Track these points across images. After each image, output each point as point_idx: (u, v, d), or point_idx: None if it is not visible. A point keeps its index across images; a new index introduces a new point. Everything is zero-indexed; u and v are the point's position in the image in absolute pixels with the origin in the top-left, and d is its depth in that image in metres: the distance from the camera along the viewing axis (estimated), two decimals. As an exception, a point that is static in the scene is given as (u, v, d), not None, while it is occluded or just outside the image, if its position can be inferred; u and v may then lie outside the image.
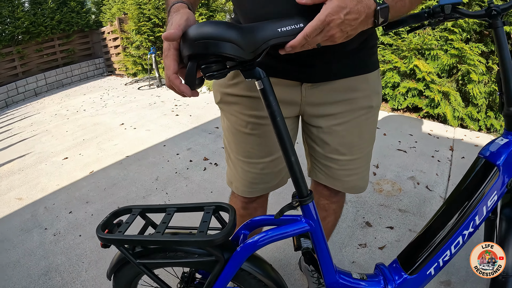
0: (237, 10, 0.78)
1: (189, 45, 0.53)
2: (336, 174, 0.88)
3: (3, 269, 1.61)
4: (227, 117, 0.87)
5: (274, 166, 0.88)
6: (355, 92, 0.79)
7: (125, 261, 0.81)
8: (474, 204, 0.72)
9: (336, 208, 1.02)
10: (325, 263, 0.75)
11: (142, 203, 2.00)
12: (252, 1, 0.69)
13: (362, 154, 0.87)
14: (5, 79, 7.31)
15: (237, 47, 0.52)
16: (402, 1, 0.61)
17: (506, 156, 0.72)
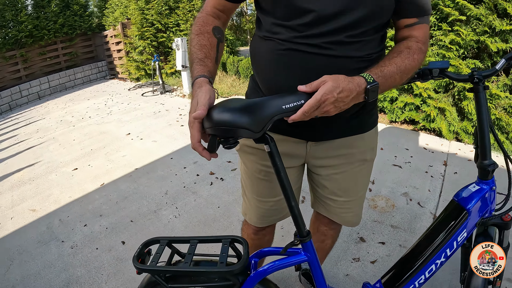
0: (256, 75, 0.93)
1: (211, 127, 0.66)
2: (334, 210, 1.04)
3: (24, 280, 1.72)
4: (244, 163, 1.03)
5: (280, 204, 1.04)
6: (352, 149, 0.93)
7: (154, 284, 0.96)
8: (446, 240, 0.89)
9: (333, 234, 1.19)
10: (319, 283, 0.92)
11: (153, 217, 2.15)
12: (268, 72, 0.85)
13: (356, 197, 1.02)
14: (8, 83, 7.43)
15: (248, 131, 0.65)
16: (393, 78, 0.75)
17: (475, 202, 0.88)
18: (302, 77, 0.77)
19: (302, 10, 0.74)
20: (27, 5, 7.83)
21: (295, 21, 0.76)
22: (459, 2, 2.88)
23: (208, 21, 0.86)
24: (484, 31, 2.83)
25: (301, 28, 0.76)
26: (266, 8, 0.82)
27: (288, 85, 0.78)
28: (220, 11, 0.89)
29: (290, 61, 0.79)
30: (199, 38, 0.82)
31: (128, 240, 1.95)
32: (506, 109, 2.90)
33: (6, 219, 2.34)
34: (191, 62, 0.80)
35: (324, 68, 0.76)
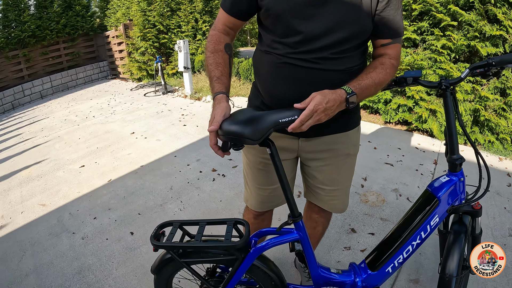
0: (258, 83, 1.09)
1: (223, 135, 0.87)
2: (322, 198, 1.21)
3: (38, 270, 1.85)
4: (247, 156, 1.20)
5: (277, 191, 1.21)
6: (337, 144, 1.10)
7: (168, 261, 1.11)
8: (420, 224, 1.04)
9: (324, 221, 1.35)
10: (310, 260, 1.08)
11: (160, 211, 2.30)
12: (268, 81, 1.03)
13: (342, 186, 1.19)
14: (11, 82, 7.58)
15: (250, 140, 0.84)
16: (368, 90, 0.92)
17: (445, 191, 1.03)
18: (295, 86, 0.96)
19: (295, 31, 0.91)
20: (30, 6, 7.98)
21: (290, 39, 0.93)
22: (451, 8, 3.04)
23: (220, 39, 1.03)
24: (475, 36, 2.99)
25: (294, 45, 0.93)
26: (268, 26, 0.98)
27: (284, 92, 0.98)
28: (230, 28, 1.05)
29: (286, 72, 0.96)
30: (215, 56, 1.00)
31: (136, 231, 2.09)
32: (496, 110, 3.05)
33: (16, 214, 2.47)
34: (210, 78, 0.99)
35: (312, 79, 0.94)
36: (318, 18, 0.89)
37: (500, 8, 2.89)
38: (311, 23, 0.89)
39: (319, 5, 0.88)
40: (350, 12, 0.89)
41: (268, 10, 0.93)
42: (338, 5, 0.88)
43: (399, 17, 0.94)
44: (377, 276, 1.11)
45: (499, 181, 2.56)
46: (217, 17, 1.06)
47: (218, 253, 1.04)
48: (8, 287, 1.74)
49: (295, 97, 0.91)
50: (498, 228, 1.98)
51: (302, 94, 0.88)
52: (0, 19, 7.52)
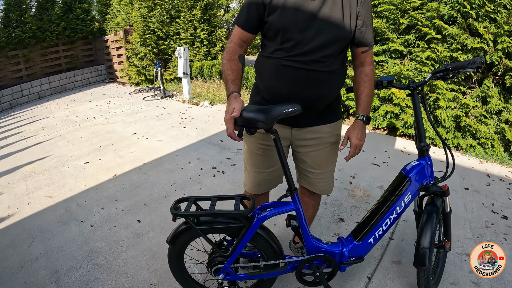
0: (260, 82, 1.35)
1: (241, 120, 1.10)
2: (311, 181, 1.45)
3: (48, 253, 1.99)
4: (247, 143, 1.44)
5: (272, 174, 1.46)
6: (323, 134, 1.36)
7: (183, 231, 1.31)
8: (395, 200, 1.26)
9: (314, 204, 1.60)
10: (304, 231, 1.29)
11: (164, 201, 2.48)
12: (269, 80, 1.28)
13: (327, 169, 1.44)
14: (10, 81, 7.69)
15: (263, 123, 1.09)
16: (369, 103, 1.26)
17: (415, 172, 1.26)
18: (291, 83, 1.23)
19: (291, 39, 1.18)
20: (31, 7, 8.15)
21: (286, 45, 1.19)
22: (435, 22, 3.34)
23: (235, 51, 1.27)
24: (458, 48, 3.29)
25: (290, 50, 1.19)
26: (270, 37, 1.25)
27: (282, 88, 1.25)
28: (243, 41, 1.29)
29: (284, 72, 1.22)
30: (230, 63, 1.24)
31: (143, 219, 2.27)
32: (477, 117, 3.33)
33: (23, 204, 2.61)
34: (226, 80, 1.22)
35: (305, 78, 1.21)
36: (309, 30, 1.16)
37: (481, 23, 3.19)
38: (304, 33, 1.17)
39: (309, 20, 1.16)
40: (333, 25, 1.18)
41: (271, 25, 1.20)
42: (325, 20, 1.17)
43: (371, 29, 1.27)
44: (361, 246, 1.32)
45: (479, 181, 2.82)
46: (233, 33, 1.31)
47: (228, 222, 1.24)
48: (19, 269, 1.87)
49: (290, 92, 1.22)
50: (475, 221, 2.22)
51: (296, 90, 1.21)
52: (2, 18, 7.68)
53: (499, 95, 3.30)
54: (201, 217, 1.25)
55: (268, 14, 1.20)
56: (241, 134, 1.14)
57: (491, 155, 3.35)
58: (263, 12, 1.21)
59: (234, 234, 1.32)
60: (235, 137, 1.12)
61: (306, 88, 1.22)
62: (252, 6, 1.23)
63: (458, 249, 1.92)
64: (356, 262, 1.36)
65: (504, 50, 3.11)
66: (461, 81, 3.44)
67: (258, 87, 1.37)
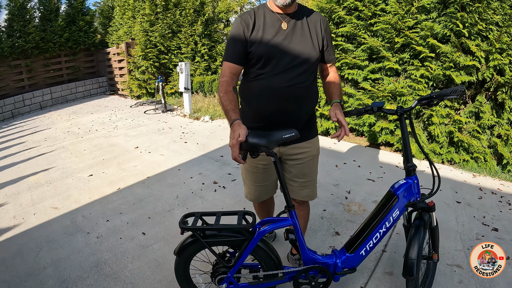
0: (247, 106, 1.54)
1: (246, 145, 1.24)
2: (295, 189, 1.66)
3: (55, 263, 2.10)
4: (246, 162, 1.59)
5: (267, 187, 1.72)
6: (306, 149, 1.59)
7: (190, 244, 1.44)
8: (384, 215, 1.40)
9: (304, 214, 1.79)
10: (301, 244, 1.42)
11: (168, 215, 2.60)
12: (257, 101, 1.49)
13: (310, 178, 1.66)
14: (12, 91, 7.87)
15: (266, 148, 1.26)
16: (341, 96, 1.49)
17: (402, 190, 1.40)
18: (275, 101, 1.44)
19: (270, 62, 1.43)
20: (35, 17, 8.36)
21: (267, 68, 1.44)
22: (429, 41, 3.52)
23: (229, 84, 1.45)
24: (451, 66, 3.46)
25: (271, 72, 1.43)
26: (253, 64, 1.47)
27: (267, 107, 1.47)
28: (234, 74, 1.47)
29: (268, 92, 1.45)
30: (227, 95, 1.41)
31: (148, 232, 2.39)
32: (470, 132, 3.49)
33: (28, 215, 2.72)
34: (226, 110, 1.38)
35: (286, 95, 1.44)
36: (285, 53, 1.43)
37: (474, 41, 3.35)
38: (281, 57, 1.42)
39: (285, 45, 1.43)
40: (305, 48, 1.45)
41: (254, 53, 1.44)
42: (298, 44, 1.44)
43: (332, 49, 1.60)
44: (354, 258, 1.45)
45: (471, 194, 2.95)
46: (223, 68, 1.49)
47: (232, 235, 1.38)
48: (27, 278, 1.96)
49: (276, 109, 1.46)
50: (466, 233, 2.34)
51: (281, 106, 1.45)
52: (5, 28, 7.88)
53: (491, 110, 3.45)
54: (207, 231, 1.38)
55: (250, 45, 1.45)
56: (245, 158, 1.28)
57: (484, 169, 3.48)
58: (246, 45, 1.45)
59: (237, 246, 1.45)
60: (240, 160, 1.26)
61: (289, 104, 1.46)
62: (236, 42, 1.45)
63: (449, 260, 2.04)
64: (349, 272, 1.49)
65: (496, 67, 3.26)
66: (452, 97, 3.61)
67: (246, 112, 1.56)
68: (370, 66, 4.03)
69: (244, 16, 1.49)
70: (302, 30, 1.46)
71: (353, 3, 4.06)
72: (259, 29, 1.44)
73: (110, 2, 10.69)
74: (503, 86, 3.29)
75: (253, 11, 1.49)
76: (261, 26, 1.45)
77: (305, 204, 1.77)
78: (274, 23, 1.45)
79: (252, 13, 1.49)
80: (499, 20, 3.25)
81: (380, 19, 3.85)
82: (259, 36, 1.43)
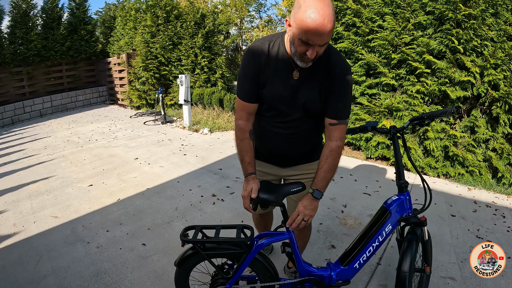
0: (255, 140, 1.56)
1: (257, 199, 1.37)
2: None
3: (56, 272, 2.15)
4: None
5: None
6: (306, 170, 1.62)
7: (190, 256, 1.51)
8: (377, 230, 1.48)
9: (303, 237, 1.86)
10: (297, 256, 1.49)
11: (167, 227, 2.67)
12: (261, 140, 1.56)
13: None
14: (12, 98, 7.97)
15: (275, 202, 1.38)
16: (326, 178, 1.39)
17: (394, 206, 1.49)
18: (275, 143, 1.52)
19: (274, 109, 1.44)
20: (37, 25, 8.52)
21: (271, 113, 1.46)
22: (425, 57, 3.65)
23: (245, 127, 1.46)
24: (446, 82, 3.58)
25: (273, 117, 1.46)
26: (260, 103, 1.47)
27: (269, 146, 1.55)
28: (250, 113, 1.47)
29: (269, 136, 1.52)
30: (244, 143, 1.46)
31: (147, 243, 2.45)
32: (466, 146, 3.58)
33: (29, 223, 2.78)
34: (243, 161, 1.46)
35: (284, 139, 1.48)
36: (290, 103, 1.40)
37: (469, 56, 3.47)
38: (286, 106, 1.41)
39: (291, 95, 1.38)
40: (310, 101, 1.38)
41: (262, 96, 1.42)
42: (303, 96, 1.38)
43: (343, 107, 1.39)
44: (348, 270, 1.52)
45: (465, 207, 3.03)
46: (238, 108, 1.48)
47: (231, 248, 1.45)
48: (27, 285, 2.01)
49: (276, 149, 1.54)
50: (460, 246, 2.41)
51: (280, 147, 1.52)
52: (8, 35, 8.01)
53: (486, 124, 3.55)
54: (207, 244, 1.46)
55: (260, 87, 1.40)
56: (255, 209, 1.44)
57: (479, 182, 3.56)
58: (258, 84, 1.40)
59: (235, 258, 1.52)
60: (251, 211, 1.40)
61: (287, 146, 1.51)
62: (250, 80, 1.40)
63: (442, 273, 2.11)
64: (343, 284, 1.55)
65: (491, 82, 3.37)
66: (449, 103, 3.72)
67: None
68: (367, 82, 4.16)
69: (256, 50, 1.38)
70: (313, 81, 1.35)
71: (351, 19, 4.21)
72: (269, 73, 1.37)
73: (112, 12, 10.91)
74: (497, 101, 3.39)
75: (268, 46, 1.37)
76: (271, 70, 1.36)
77: (307, 228, 1.80)
78: (286, 70, 1.36)
79: (266, 48, 1.37)
80: (494, 35, 3.36)
81: (377, 35, 3.98)
82: (268, 81, 1.37)
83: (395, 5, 3.88)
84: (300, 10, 1.13)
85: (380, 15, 4.02)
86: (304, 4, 1.12)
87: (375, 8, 4.01)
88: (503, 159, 3.48)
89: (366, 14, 4.06)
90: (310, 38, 1.14)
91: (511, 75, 3.30)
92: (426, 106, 3.72)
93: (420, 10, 3.75)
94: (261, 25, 13.43)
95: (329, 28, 1.12)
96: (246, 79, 1.41)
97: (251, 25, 14.69)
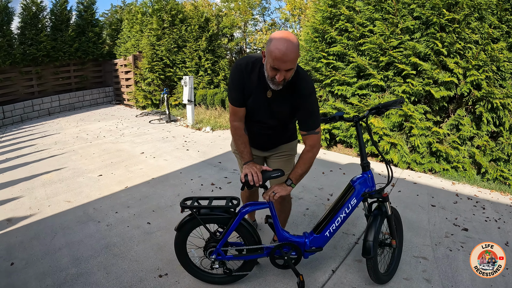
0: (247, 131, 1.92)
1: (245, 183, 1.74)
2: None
3: (69, 245, 2.47)
4: (238, 159, 2.04)
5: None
6: (284, 149, 2.01)
7: (188, 221, 1.84)
8: (343, 203, 1.79)
9: (285, 210, 2.16)
10: (276, 225, 1.81)
11: (170, 210, 3.01)
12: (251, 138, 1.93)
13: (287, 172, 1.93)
14: (22, 96, 8.38)
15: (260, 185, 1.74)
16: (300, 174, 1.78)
17: (358, 182, 1.80)
18: (257, 140, 1.95)
19: (255, 116, 1.82)
20: (46, 26, 8.92)
21: (253, 119, 1.84)
22: (411, 59, 3.95)
23: (241, 127, 1.85)
24: (430, 82, 3.87)
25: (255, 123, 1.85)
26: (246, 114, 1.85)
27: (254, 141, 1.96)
28: (241, 116, 1.83)
29: (252, 135, 1.92)
30: (241, 138, 1.85)
31: (152, 222, 2.78)
32: (450, 143, 3.87)
33: (44, 206, 3.10)
34: (241, 151, 1.84)
35: (264, 137, 1.91)
36: (266, 114, 1.78)
37: (452, 58, 3.75)
38: (263, 115, 1.80)
39: (266, 107, 1.75)
40: (281, 113, 1.77)
41: (247, 105, 1.78)
42: (275, 109, 1.75)
43: (312, 120, 1.73)
44: (319, 238, 1.84)
45: (447, 199, 3.30)
46: (232, 112, 1.84)
47: (221, 214, 1.78)
48: (43, 256, 2.32)
49: (259, 143, 1.97)
50: (436, 231, 2.67)
51: (261, 142, 1.96)
52: (18, 35, 8.41)
53: (471, 122, 3.81)
54: (202, 209, 1.79)
55: (246, 98, 1.76)
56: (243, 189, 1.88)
57: (464, 177, 3.83)
58: (243, 94, 1.74)
59: (225, 224, 1.85)
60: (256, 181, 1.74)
61: (267, 141, 1.96)
62: (239, 90, 1.73)
63: (415, 253, 2.37)
64: (316, 251, 1.87)
65: (473, 82, 3.64)
66: (438, 111, 4.02)
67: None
68: (358, 83, 4.48)
69: (243, 67, 1.69)
70: (283, 99, 1.70)
71: (344, 25, 4.54)
72: (252, 89, 1.70)
73: (118, 15, 11.35)
74: (480, 100, 3.66)
75: (251, 67, 1.68)
76: (252, 87, 1.70)
77: (286, 200, 2.12)
78: (262, 89, 1.69)
79: (249, 67, 1.68)
80: (478, 38, 3.62)
81: (367, 39, 4.30)
82: (252, 94, 1.72)
83: (385, 11, 4.20)
84: (271, 44, 1.49)
85: (371, 21, 4.33)
86: (274, 40, 1.48)
87: (366, 14, 4.33)
88: (487, 156, 3.74)
89: (358, 20, 4.38)
90: (277, 65, 1.48)
91: (493, 75, 3.57)
92: (411, 105, 4.02)
93: (408, 15, 4.05)
94: (264, 28, 13.77)
95: (292, 57, 1.46)
96: (234, 88, 1.75)
97: (255, 29, 15.10)
